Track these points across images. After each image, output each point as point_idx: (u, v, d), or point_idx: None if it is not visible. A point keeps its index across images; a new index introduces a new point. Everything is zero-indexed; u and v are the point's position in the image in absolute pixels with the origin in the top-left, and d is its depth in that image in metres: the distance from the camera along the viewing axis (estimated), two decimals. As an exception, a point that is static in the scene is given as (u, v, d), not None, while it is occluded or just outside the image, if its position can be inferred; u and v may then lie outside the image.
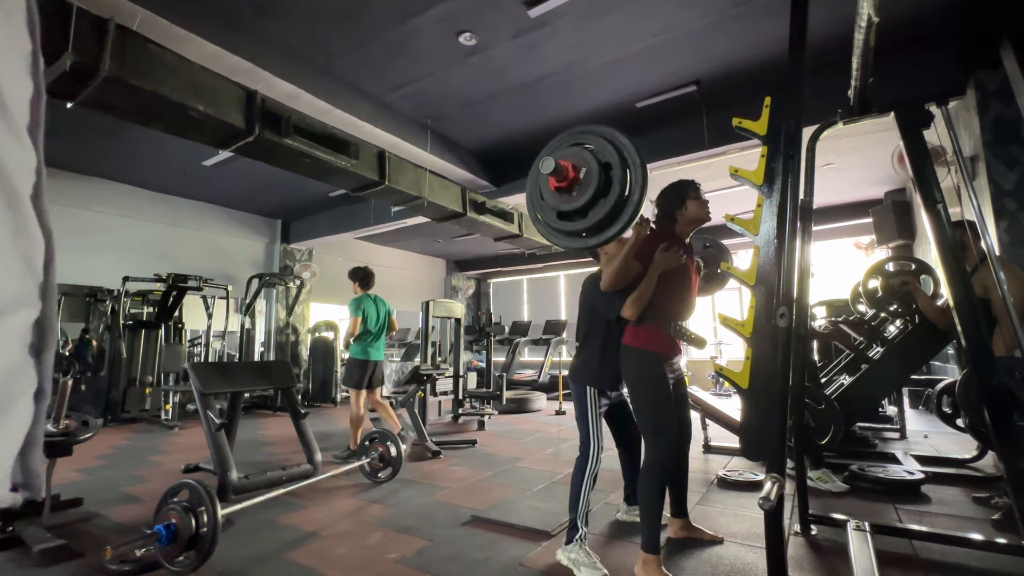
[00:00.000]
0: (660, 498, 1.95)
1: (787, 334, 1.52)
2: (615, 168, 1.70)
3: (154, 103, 3.30)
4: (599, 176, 1.70)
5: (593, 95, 4.69)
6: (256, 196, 7.60)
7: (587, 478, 2.11)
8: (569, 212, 1.78)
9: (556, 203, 1.80)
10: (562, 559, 2.06)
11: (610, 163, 1.71)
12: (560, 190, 1.76)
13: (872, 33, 1.85)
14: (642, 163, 1.68)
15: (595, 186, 1.70)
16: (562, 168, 1.70)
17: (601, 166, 1.71)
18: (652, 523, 1.92)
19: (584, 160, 1.74)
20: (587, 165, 1.73)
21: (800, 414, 2.37)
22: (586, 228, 1.76)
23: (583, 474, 2.12)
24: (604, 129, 1.79)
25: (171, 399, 5.81)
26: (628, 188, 1.70)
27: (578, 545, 2.04)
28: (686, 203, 2.15)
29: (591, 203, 1.72)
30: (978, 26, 3.57)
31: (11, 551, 2.30)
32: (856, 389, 3.36)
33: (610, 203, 1.70)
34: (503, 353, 8.99)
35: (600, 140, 1.76)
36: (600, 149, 1.74)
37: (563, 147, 1.84)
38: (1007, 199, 3.50)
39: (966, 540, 2.08)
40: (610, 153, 1.72)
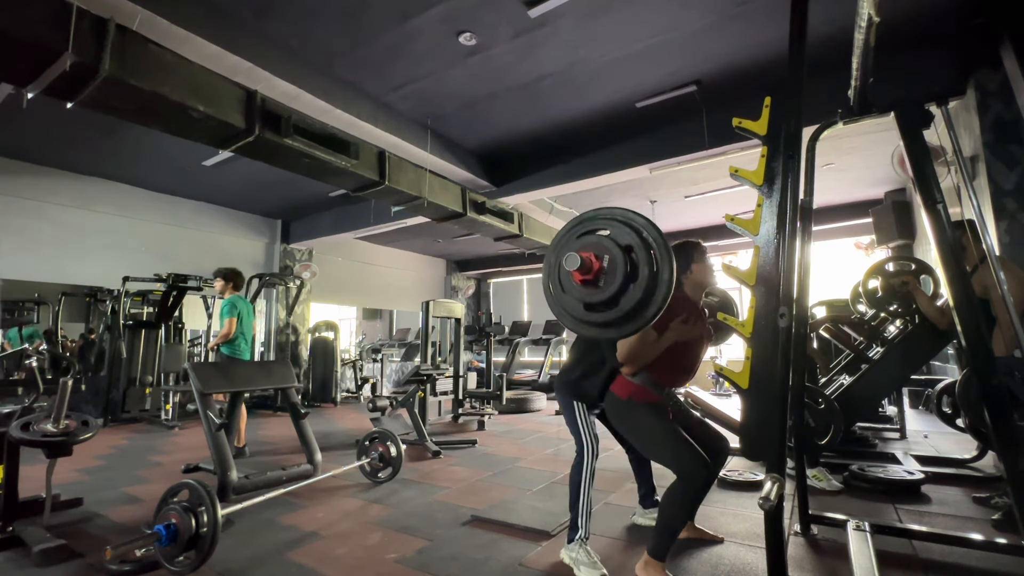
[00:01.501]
0: (684, 516, 1.92)
1: (787, 334, 1.52)
2: (637, 250, 1.61)
3: (154, 103, 3.30)
4: (624, 261, 1.60)
5: (593, 95, 4.68)
6: (256, 196, 7.60)
7: (584, 477, 2.12)
8: (598, 303, 1.67)
9: (582, 296, 1.68)
10: (564, 558, 2.08)
11: (631, 245, 1.62)
12: (586, 283, 1.66)
13: (872, 33, 1.85)
14: (664, 240, 1.60)
15: (622, 272, 1.60)
16: (587, 261, 1.60)
17: (623, 250, 1.62)
18: (667, 535, 1.90)
19: (604, 247, 1.64)
20: (609, 252, 1.63)
21: (800, 414, 2.37)
22: (620, 317, 1.64)
23: (580, 474, 2.13)
24: (615, 211, 1.70)
25: (171, 399, 5.81)
26: (656, 267, 1.60)
27: (579, 544, 2.04)
28: (691, 267, 2.13)
29: (621, 291, 1.62)
30: (978, 26, 3.56)
31: (11, 551, 2.30)
32: (856, 389, 3.36)
33: (641, 287, 1.59)
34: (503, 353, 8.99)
35: (614, 223, 1.68)
36: (617, 233, 1.66)
37: (575, 238, 1.74)
38: (1007, 199, 3.50)
39: (966, 540, 2.08)
40: (628, 235, 1.63)
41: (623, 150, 5.42)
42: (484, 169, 6.22)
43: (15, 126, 5.05)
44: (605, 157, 5.54)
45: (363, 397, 8.33)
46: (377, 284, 10.75)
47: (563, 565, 2.08)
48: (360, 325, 14.48)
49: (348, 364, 8.72)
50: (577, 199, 7.41)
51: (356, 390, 8.52)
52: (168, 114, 3.46)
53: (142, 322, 6.46)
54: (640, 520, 2.50)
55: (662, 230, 1.64)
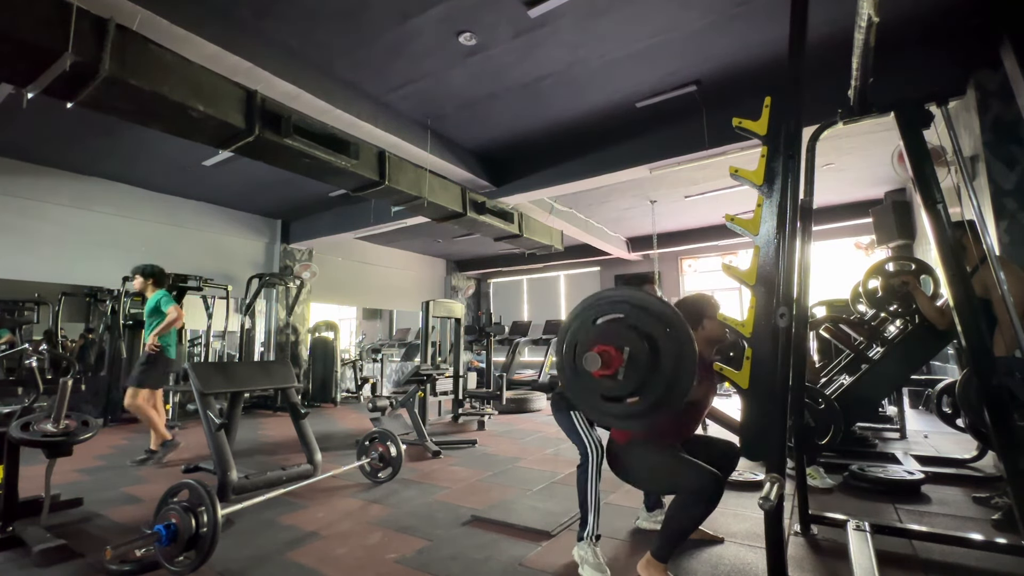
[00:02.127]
0: (694, 525, 1.90)
1: (787, 334, 1.52)
2: (660, 339, 1.52)
3: (154, 103, 3.30)
4: (646, 353, 1.52)
5: (593, 95, 4.68)
6: (256, 196, 7.60)
7: (591, 475, 2.08)
8: (618, 396, 1.61)
9: (598, 387, 1.60)
10: (575, 554, 2.08)
11: (652, 335, 1.53)
12: (604, 376, 1.57)
13: (872, 33, 1.85)
14: (686, 329, 1.54)
15: (645, 365, 1.52)
16: (607, 357, 1.53)
17: (644, 338, 1.53)
18: (674, 540, 1.89)
19: (623, 337, 1.55)
20: (630, 343, 1.54)
21: (800, 414, 2.37)
22: (643, 410, 1.58)
23: (587, 473, 2.10)
24: (633, 296, 1.62)
25: (171, 399, 5.80)
26: (682, 354, 1.52)
27: (587, 543, 2.03)
28: (703, 322, 2.11)
29: (642, 385, 1.55)
30: (978, 26, 3.56)
31: (11, 551, 2.30)
32: (856, 389, 3.36)
33: (665, 379, 1.52)
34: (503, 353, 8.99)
35: (631, 308, 1.59)
36: (637, 320, 1.57)
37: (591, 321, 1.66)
38: (1007, 199, 3.50)
39: (966, 540, 2.08)
40: (648, 322, 1.55)
41: (623, 150, 5.42)
42: (484, 169, 6.22)
43: (15, 126, 5.05)
44: (605, 157, 5.54)
45: (363, 397, 8.33)
46: (377, 284, 10.75)
47: (563, 565, 2.08)
48: (360, 325, 14.49)
49: (348, 364, 8.72)
50: (577, 199, 7.41)
51: (356, 390, 8.52)
52: (168, 114, 3.47)
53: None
54: (644, 524, 2.47)
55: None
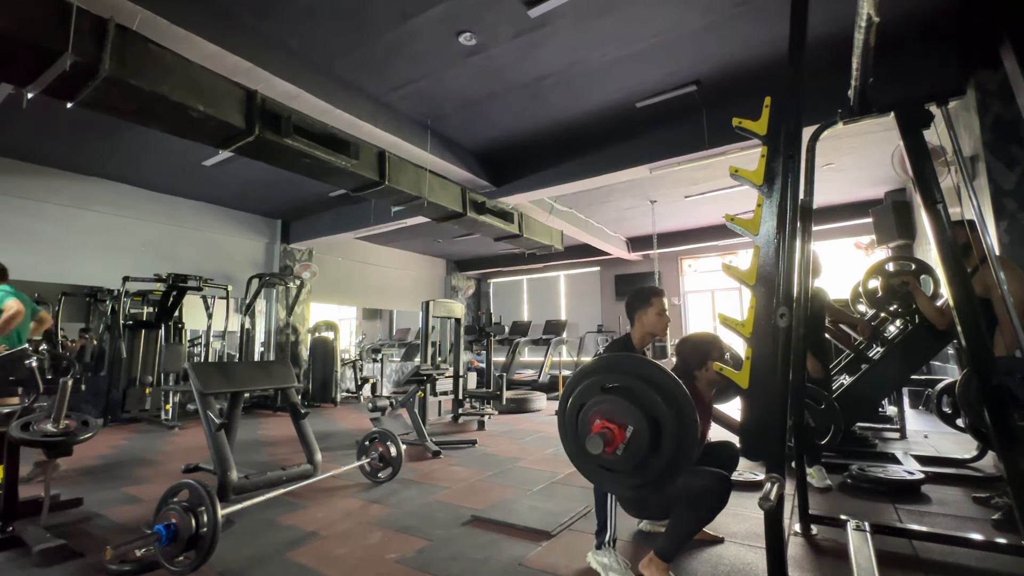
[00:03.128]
0: (700, 525, 1.91)
1: (787, 334, 1.52)
2: (666, 423, 1.49)
3: (154, 103, 3.30)
4: (648, 434, 1.49)
5: (593, 95, 4.68)
6: (256, 196, 7.60)
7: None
8: (614, 468, 1.59)
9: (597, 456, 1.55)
10: (592, 563, 2.02)
11: (658, 419, 1.50)
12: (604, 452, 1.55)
13: (872, 33, 1.85)
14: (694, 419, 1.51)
15: (646, 447, 1.50)
16: (609, 436, 1.51)
17: (649, 422, 1.50)
18: (678, 540, 1.89)
19: (628, 415, 1.52)
20: (633, 422, 1.51)
21: (800, 414, 2.37)
22: (637, 486, 1.60)
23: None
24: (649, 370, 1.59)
25: (171, 399, 5.81)
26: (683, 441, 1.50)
27: (608, 550, 1.99)
28: (707, 364, 2.13)
29: (639, 466, 1.53)
30: (978, 26, 3.56)
31: (11, 551, 2.30)
32: (856, 389, 3.36)
33: (664, 461, 1.51)
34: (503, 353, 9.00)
35: (639, 383, 1.56)
36: (646, 399, 1.53)
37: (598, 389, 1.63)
38: (1007, 199, 3.50)
39: (966, 540, 2.08)
40: (656, 404, 1.51)
41: (623, 150, 5.42)
42: (484, 169, 6.22)
43: (15, 126, 5.05)
44: (605, 157, 5.54)
45: (363, 397, 8.33)
46: (377, 284, 10.75)
47: (564, 565, 2.08)
48: (360, 325, 14.49)
49: (348, 364, 8.72)
50: (577, 199, 7.41)
51: (356, 390, 8.53)
52: (168, 114, 3.46)
53: (142, 322, 6.46)
54: (647, 526, 2.45)
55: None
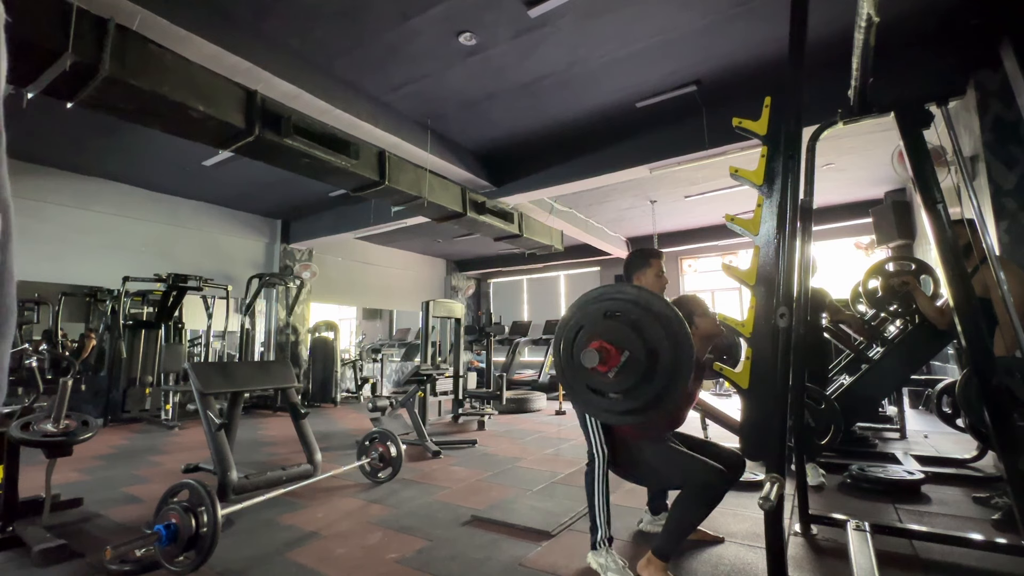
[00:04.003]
0: (696, 521, 1.92)
1: (787, 334, 1.52)
2: (664, 356, 1.52)
3: (154, 103, 3.30)
4: (644, 363, 1.52)
5: (593, 95, 4.68)
6: (256, 196, 7.60)
7: (597, 481, 2.07)
8: (603, 391, 1.63)
9: (587, 379, 1.61)
10: (592, 563, 2.03)
11: (657, 351, 1.53)
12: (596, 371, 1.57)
13: (872, 33, 1.85)
14: (691, 352, 1.53)
15: (639, 374, 1.53)
16: (604, 355, 1.53)
17: (648, 352, 1.53)
18: (675, 537, 1.90)
19: (628, 340, 1.54)
20: (631, 347, 1.54)
21: (800, 414, 2.37)
22: (624, 411, 1.62)
23: (593, 478, 2.09)
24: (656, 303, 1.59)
25: (171, 399, 5.81)
26: (675, 376, 1.52)
27: (604, 550, 2.00)
28: (694, 320, 2.11)
29: (629, 390, 1.57)
30: (978, 26, 3.56)
31: (11, 551, 2.30)
32: (856, 389, 3.36)
33: (654, 390, 1.53)
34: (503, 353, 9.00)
35: (646, 315, 1.57)
36: (650, 330, 1.54)
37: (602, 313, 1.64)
38: (1007, 199, 3.50)
39: (966, 540, 2.08)
40: (658, 335, 1.53)
41: (623, 150, 5.42)
42: (484, 169, 6.22)
43: (15, 126, 5.05)
44: (605, 157, 5.54)
45: (363, 397, 8.33)
46: (377, 284, 10.75)
47: (564, 565, 2.08)
48: (360, 325, 14.48)
49: (348, 364, 8.72)
50: (577, 199, 7.41)
51: (356, 390, 8.53)
52: (168, 114, 3.47)
53: (142, 322, 6.47)
54: (647, 527, 2.45)
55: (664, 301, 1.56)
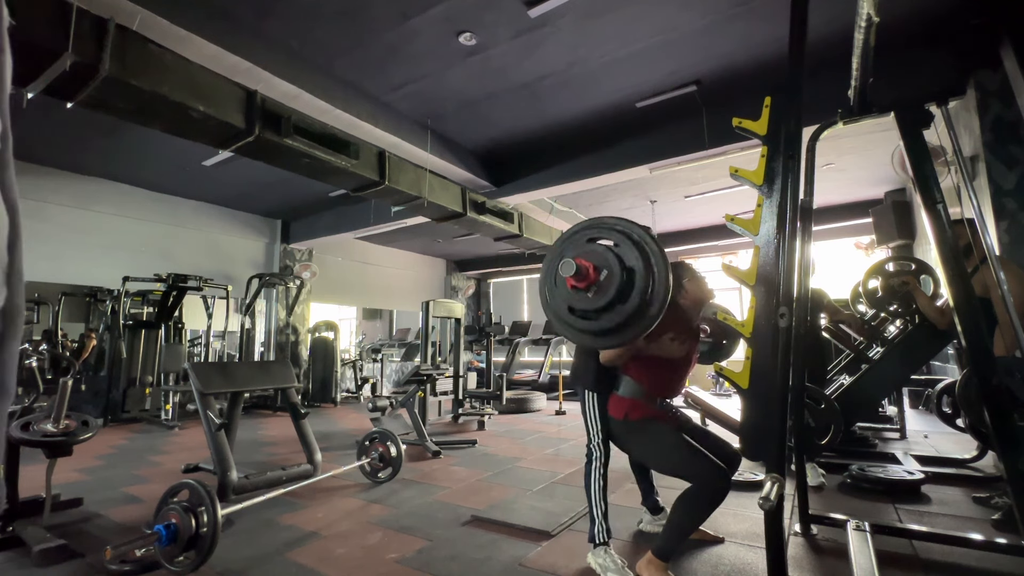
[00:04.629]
0: (697, 522, 1.91)
1: (787, 334, 1.52)
2: (638, 277, 1.61)
3: (154, 103, 3.30)
4: (620, 282, 1.61)
5: (593, 95, 4.68)
6: (256, 196, 7.60)
7: (594, 479, 2.08)
8: (581, 311, 1.70)
9: (569, 298, 1.71)
10: (591, 562, 2.03)
11: (634, 269, 1.62)
12: (576, 288, 1.67)
13: (872, 33, 1.85)
14: (667, 275, 1.61)
15: (614, 292, 1.61)
16: (582, 269, 1.62)
17: (624, 271, 1.62)
18: (676, 537, 1.89)
19: (606, 262, 1.65)
20: (609, 268, 1.64)
21: (800, 414, 2.37)
22: (600, 331, 1.68)
23: (590, 476, 2.11)
24: (633, 229, 1.69)
25: (171, 399, 5.81)
26: (650, 298, 1.61)
27: (604, 550, 2.01)
28: (683, 285, 2.11)
29: (606, 308, 1.64)
30: (978, 26, 3.56)
31: (11, 551, 2.30)
32: (856, 389, 3.36)
33: (628, 311, 1.61)
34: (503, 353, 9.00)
35: (625, 240, 1.67)
36: (626, 252, 1.65)
37: (585, 239, 1.75)
38: (1007, 199, 3.50)
39: (966, 540, 2.08)
40: (635, 258, 1.63)
41: (623, 150, 5.42)
42: (484, 169, 6.22)
43: (15, 126, 5.00)
44: (605, 157, 5.54)
45: (363, 397, 8.33)
46: (377, 284, 10.75)
47: (564, 565, 2.08)
48: (360, 325, 14.48)
49: (348, 364, 8.72)
50: (577, 199, 7.41)
51: (356, 390, 8.53)
52: (168, 114, 3.47)
53: (142, 322, 6.46)
54: (647, 527, 2.44)
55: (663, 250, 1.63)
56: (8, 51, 0.45)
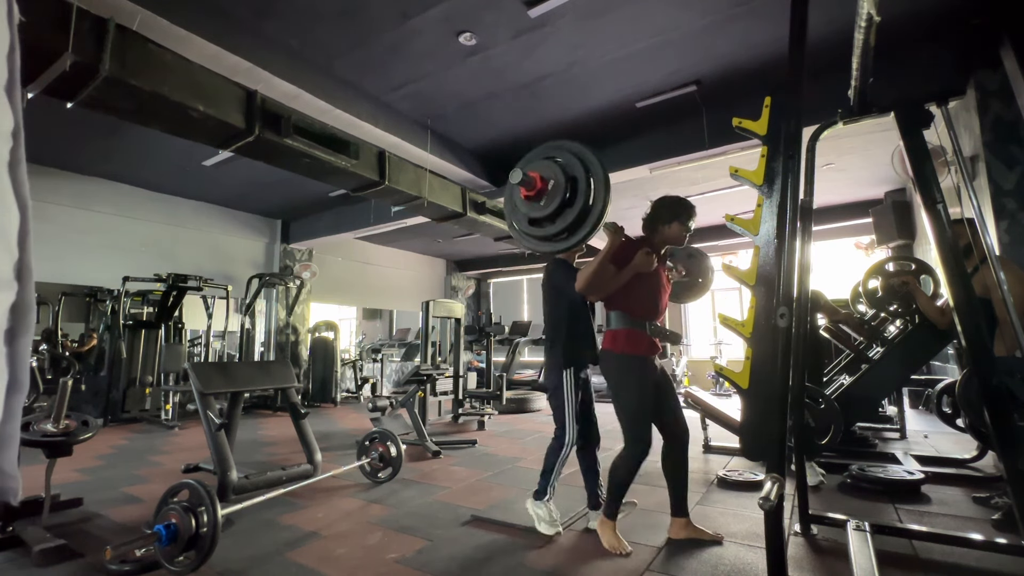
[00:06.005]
0: (627, 480, 2.20)
1: (787, 334, 1.52)
2: (580, 181, 1.90)
3: (154, 103, 3.29)
4: (565, 187, 1.89)
5: (593, 95, 4.68)
6: (256, 196, 7.60)
7: (560, 459, 2.40)
8: (539, 219, 1.98)
9: (527, 210, 1.98)
10: (529, 509, 2.45)
11: (576, 177, 1.91)
12: (529, 199, 1.95)
13: (872, 32, 1.85)
14: (605, 178, 1.89)
15: (561, 196, 1.89)
16: (530, 179, 1.90)
17: (567, 179, 1.90)
18: (615, 495, 2.22)
19: (552, 173, 1.93)
20: (555, 177, 1.92)
21: (800, 414, 2.37)
22: (554, 233, 1.96)
23: (557, 455, 2.40)
24: (573, 145, 1.98)
25: (171, 399, 5.81)
26: (591, 199, 1.89)
27: (543, 502, 2.41)
28: (672, 223, 2.27)
29: (558, 211, 1.91)
30: (978, 26, 3.56)
31: (11, 551, 2.30)
32: (856, 389, 3.36)
33: (575, 212, 1.89)
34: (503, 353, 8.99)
35: (568, 155, 1.95)
36: (568, 163, 1.93)
37: (535, 160, 2.02)
38: (1007, 199, 3.50)
39: (966, 540, 2.08)
40: (576, 168, 1.91)
41: (623, 150, 5.42)
42: (484, 169, 6.22)
43: (15, 126, 5.05)
44: (605, 157, 5.48)
45: (363, 397, 8.33)
46: (377, 284, 10.75)
47: (564, 566, 2.08)
48: (360, 325, 14.48)
49: (348, 364, 8.72)
50: (577, 199, 7.41)
51: (356, 390, 8.53)
52: (168, 114, 3.46)
53: (142, 322, 6.46)
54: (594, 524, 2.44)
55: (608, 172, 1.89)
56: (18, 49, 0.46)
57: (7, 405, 0.46)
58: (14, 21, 0.44)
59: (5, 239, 0.44)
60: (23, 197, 0.45)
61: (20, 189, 0.44)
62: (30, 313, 0.46)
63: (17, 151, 0.46)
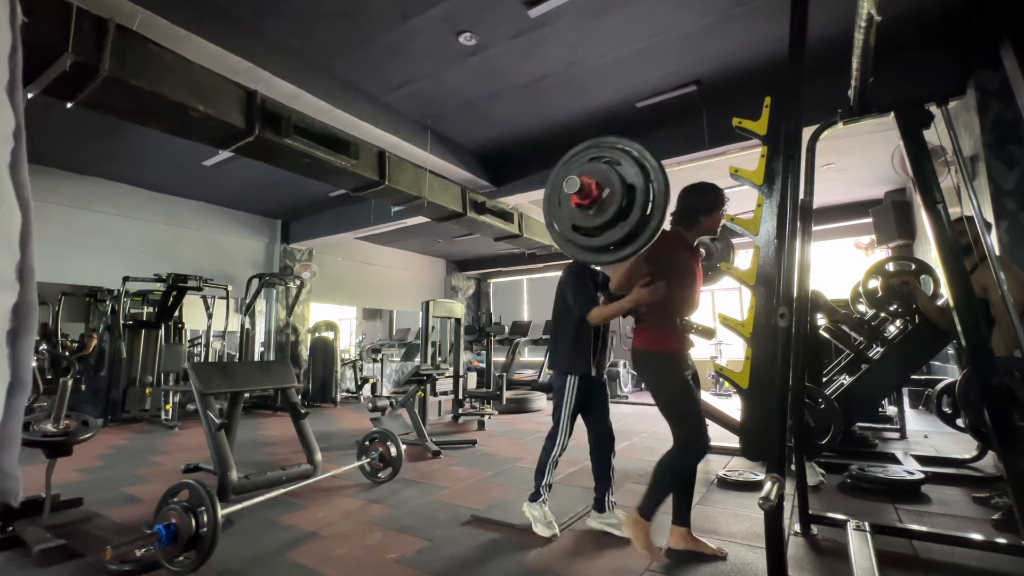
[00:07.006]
0: (675, 479, 2.07)
1: (787, 334, 1.52)
2: (639, 193, 1.65)
3: (154, 103, 3.30)
4: (622, 197, 1.65)
5: (593, 95, 4.69)
6: (256, 196, 7.60)
7: (551, 460, 2.43)
8: (585, 228, 1.75)
9: (572, 216, 1.75)
10: (526, 511, 2.46)
11: (635, 186, 1.65)
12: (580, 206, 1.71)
13: (872, 33, 1.85)
14: (667, 189, 1.63)
15: (617, 207, 1.65)
16: (586, 187, 1.66)
17: (625, 188, 1.66)
18: (657, 496, 2.03)
19: (609, 180, 1.68)
20: (612, 186, 1.67)
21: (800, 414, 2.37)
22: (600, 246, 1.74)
23: (548, 456, 2.43)
24: (636, 147, 1.72)
25: (171, 399, 5.80)
26: (649, 214, 1.64)
27: (539, 504, 2.42)
28: (713, 212, 2.13)
29: (608, 224, 1.69)
30: (978, 26, 3.56)
31: (11, 551, 2.30)
32: (856, 389, 3.36)
33: (628, 227, 1.66)
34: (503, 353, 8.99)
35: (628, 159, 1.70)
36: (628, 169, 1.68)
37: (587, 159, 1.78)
38: (1007, 199, 3.50)
39: (966, 540, 2.08)
40: (637, 176, 1.66)
41: (623, 150, 5.42)
42: (484, 169, 6.22)
43: (15, 126, 5.05)
44: (605, 157, 5.53)
45: (363, 397, 8.33)
46: (377, 284, 10.75)
47: (564, 566, 2.08)
48: (360, 325, 14.48)
49: (348, 364, 8.72)
50: (577, 199, 7.41)
51: (356, 390, 8.52)
52: (168, 114, 3.46)
53: (142, 322, 6.46)
54: (594, 523, 2.47)
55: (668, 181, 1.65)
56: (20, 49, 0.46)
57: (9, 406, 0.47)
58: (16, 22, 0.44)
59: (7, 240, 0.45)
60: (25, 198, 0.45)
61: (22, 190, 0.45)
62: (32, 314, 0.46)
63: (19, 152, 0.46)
